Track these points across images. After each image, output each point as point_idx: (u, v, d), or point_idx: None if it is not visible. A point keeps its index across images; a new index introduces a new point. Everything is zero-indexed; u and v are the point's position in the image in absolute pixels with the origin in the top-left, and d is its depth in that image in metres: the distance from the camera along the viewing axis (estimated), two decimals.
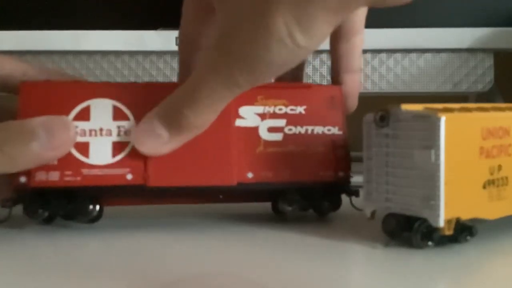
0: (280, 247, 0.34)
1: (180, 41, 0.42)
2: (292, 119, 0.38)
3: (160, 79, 0.60)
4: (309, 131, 0.38)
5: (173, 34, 0.59)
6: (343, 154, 0.38)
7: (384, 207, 0.33)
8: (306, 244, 0.34)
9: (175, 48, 0.59)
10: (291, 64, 0.32)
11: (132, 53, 0.60)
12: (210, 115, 0.34)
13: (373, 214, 0.34)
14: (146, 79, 0.60)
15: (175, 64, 0.60)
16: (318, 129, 0.39)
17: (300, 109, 0.38)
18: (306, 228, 0.37)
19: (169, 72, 0.60)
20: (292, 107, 0.38)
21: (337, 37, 0.41)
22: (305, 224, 0.38)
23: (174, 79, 0.60)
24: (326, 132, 0.39)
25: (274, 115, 0.38)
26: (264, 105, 0.38)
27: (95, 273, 0.29)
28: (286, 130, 0.38)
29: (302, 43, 0.30)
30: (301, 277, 0.28)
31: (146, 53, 0.60)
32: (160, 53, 0.60)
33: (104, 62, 0.60)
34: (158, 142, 0.35)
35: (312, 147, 0.38)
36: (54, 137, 0.34)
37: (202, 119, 0.34)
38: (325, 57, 0.60)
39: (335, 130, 0.39)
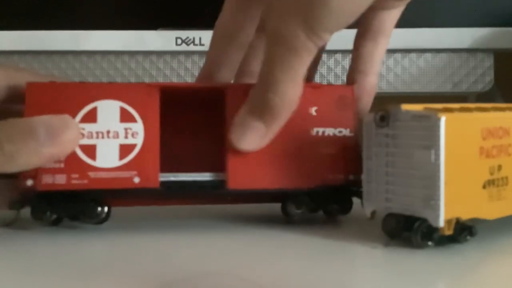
0: (280, 247, 0.34)
1: (215, 34, 0.42)
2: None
3: (160, 79, 0.60)
4: (320, 133, 0.37)
5: (173, 34, 0.59)
6: (354, 156, 0.37)
7: (384, 207, 0.33)
8: (306, 244, 0.34)
9: (175, 48, 0.59)
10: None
11: (132, 53, 0.60)
12: (290, 90, 0.34)
13: (373, 214, 0.34)
14: (146, 79, 0.60)
15: (175, 64, 0.60)
16: (329, 131, 0.37)
17: (311, 110, 0.37)
18: (307, 228, 0.37)
19: (169, 72, 0.60)
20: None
21: (364, 35, 0.40)
22: (307, 224, 0.38)
23: (174, 79, 0.60)
24: (337, 134, 0.37)
25: None
26: None
27: (100, 273, 0.29)
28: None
29: None
30: (300, 277, 0.28)
31: (146, 53, 0.60)
32: (160, 53, 0.60)
33: (104, 62, 0.60)
34: (256, 135, 0.35)
35: (322, 149, 0.37)
36: (54, 135, 0.33)
37: (286, 97, 0.34)
38: (325, 57, 0.60)
39: (346, 132, 0.37)
